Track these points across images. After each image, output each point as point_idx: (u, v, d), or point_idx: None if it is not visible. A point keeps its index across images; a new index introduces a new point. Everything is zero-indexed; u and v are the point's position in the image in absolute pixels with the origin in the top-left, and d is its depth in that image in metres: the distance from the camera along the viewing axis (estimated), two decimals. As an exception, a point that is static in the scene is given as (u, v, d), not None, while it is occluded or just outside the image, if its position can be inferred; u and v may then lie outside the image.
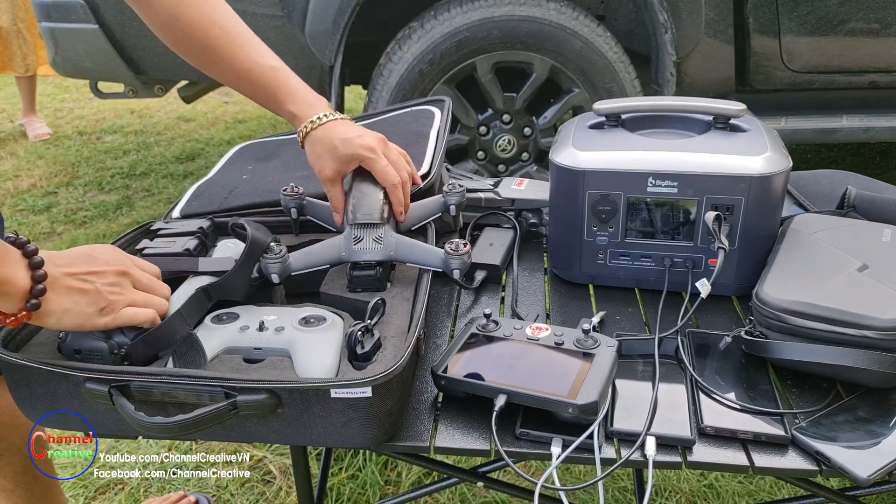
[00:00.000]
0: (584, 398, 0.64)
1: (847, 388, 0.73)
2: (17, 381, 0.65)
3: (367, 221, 0.79)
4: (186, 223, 0.90)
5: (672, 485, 1.34)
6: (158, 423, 0.58)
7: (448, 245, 0.77)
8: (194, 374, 0.62)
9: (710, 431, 0.66)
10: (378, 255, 0.78)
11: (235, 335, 0.68)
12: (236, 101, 4.06)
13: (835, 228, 0.87)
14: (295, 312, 0.70)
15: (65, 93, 4.33)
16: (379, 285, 0.78)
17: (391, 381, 0.60)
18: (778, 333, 0.74)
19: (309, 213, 0.90)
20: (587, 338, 0.72)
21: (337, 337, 0.67)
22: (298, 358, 0.65)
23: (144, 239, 0.86)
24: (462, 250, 0.77)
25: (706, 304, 0.82)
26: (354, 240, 0.79)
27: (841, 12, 1.85)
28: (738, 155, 0.83)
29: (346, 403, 0.60)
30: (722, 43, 1.92)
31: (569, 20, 1.87)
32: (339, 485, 1.35)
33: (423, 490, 0.86)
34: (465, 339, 0.74)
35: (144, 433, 0.61)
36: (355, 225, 0.80)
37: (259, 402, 0.59)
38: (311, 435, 0.62)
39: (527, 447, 0.65)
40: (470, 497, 1.32)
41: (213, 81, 2.44)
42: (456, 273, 0.78)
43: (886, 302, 0.71)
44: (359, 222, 0.80)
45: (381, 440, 0.64)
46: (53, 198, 2.81)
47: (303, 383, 0.60)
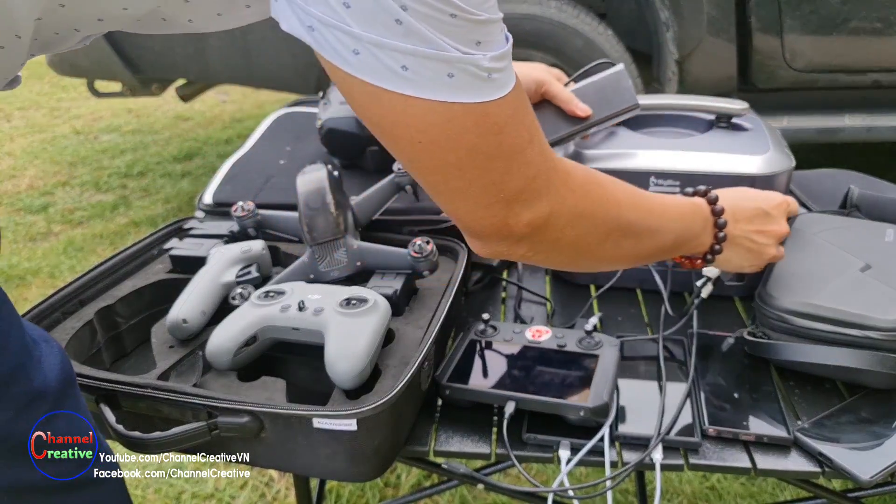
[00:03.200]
0: (595, 401, 0.63)
1: (850, 389, 0.72)
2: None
3: (325, 240, 0.78)
4: (217, 225, 0.90)
5: (674, 486, 1.34)
6: (135, 438, 0.57)
7: (411, 247, 0.76)
8: (179, 389, 0.60)
9: (712, 433, 0.65)
10: (346, 270, 0.77)
11: (275, 314, 0.67)
12: (234, 101, 4.05)
13: (837, 228, 0.86)
14: (340, 292, 0.69)
15: (62, 92, 4.32)
16: (395, 310, 0.74)
17: (380, 415, 0.56)
18: (780, 334, 0.73)
19: (267, 227, 0.88)
20: (589, 339, 0.72)
21: (373, 323, 0.65)
22: (329, 343, 0.63)
23: (174, 238, 0.86)
24: (427, 250, 0.75)
25: (708, 304, 0.81)
26: (318, 259, 0.78)
27: (844, 11, 1.84)
28: (741, 154, 0.82)
29: (329, 435, 0.57)
30: (724, 41, 1.91)
31: (570, 18, 1.86)
32: (339, 487, 1.34)
33: (423, 492, 0.86)
34: (465, 346, 0.74)
35: (123, 445, 0.59)
36: (315, 245, 0.78)
37: (240, 425, 0.57)
38: (296, 464, 0.60)
39: (531, 450, 0.65)
40: (470, 499, 1.31)
41: (211, 80, 2.44)
42: (425, 274, 0.76)
43: (889, 303, 0.70)
44: (318, 242, 0.78)
45: (369, 477, 0.61)
46: (50, 197, 2.80)
47: (285, 409, 0.57)
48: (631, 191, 0.60)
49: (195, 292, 0.74)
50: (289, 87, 2.17)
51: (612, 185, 0.58)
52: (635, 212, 0.59)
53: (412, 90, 0.42)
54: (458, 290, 0.78)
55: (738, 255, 0.72)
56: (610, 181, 0.58)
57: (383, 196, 0.87)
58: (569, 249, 0.56)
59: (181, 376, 0.66)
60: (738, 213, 0.69)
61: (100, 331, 0.74)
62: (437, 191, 0.49)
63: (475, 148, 0.45)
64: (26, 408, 0.46)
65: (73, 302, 0.75)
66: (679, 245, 0.66)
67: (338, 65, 0.42)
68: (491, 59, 0.43)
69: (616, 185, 0.59)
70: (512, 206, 0.49)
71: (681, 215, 0.65)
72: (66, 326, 0.72)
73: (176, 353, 0.69)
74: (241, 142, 1.27)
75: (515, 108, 0.46)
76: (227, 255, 0.79)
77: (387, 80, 0.41)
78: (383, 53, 0.40)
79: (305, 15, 0.41)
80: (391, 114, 0.43)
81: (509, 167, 0.47)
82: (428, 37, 0.40)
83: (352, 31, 0.40)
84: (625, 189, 0.60)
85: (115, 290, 0.79)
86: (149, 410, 0.60)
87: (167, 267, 0.84)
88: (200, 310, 0.72)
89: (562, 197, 0.51)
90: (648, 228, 0.60)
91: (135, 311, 0.78)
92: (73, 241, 2.43)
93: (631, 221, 0.59)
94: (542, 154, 0.50)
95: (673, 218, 0.64)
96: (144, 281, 0.81)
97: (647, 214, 0.60)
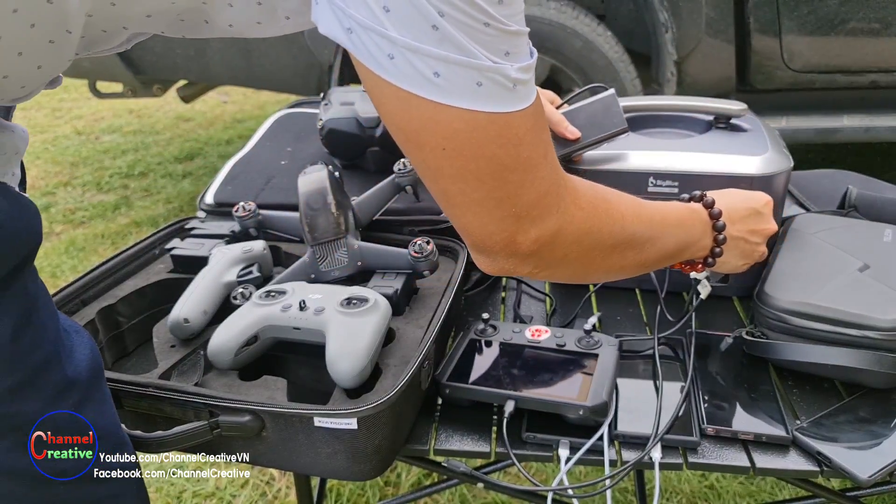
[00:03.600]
0: (594, 400, 0.64)
1: (848, 388, 0.72)
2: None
3: (325, 240, 0.78)
4: (219, 224, 0.90)
5: (673, 486, 1.34)
6: (137, 437, 0.57)
7: (412, 248, 0.76)
8: (180, 388, 0.61)
9: (711, 432, 0.66)
10: (346, 269, 0.78)
11: (277, 314, 0.67)
12: (235, 101, 4.06)
13: (836, 228, 0.86)
14: (340, 292, 0.69)
15: (63, 92, 4.32)
16: (395, 310, 0.74)
17: (380, 414, 0.57)
18: (779, 334, 0.73)
19: (268, 227, 0.88)
20: (588, 338, 0.72)
21: (373, 322, 0.65)
22: (330, 342, 0.64)
23: (175, 238, 0.87)
24: (427, 250, 0.76)
25: (707, 304, 0.81)
26: (319, 259, 0.78)
27: (842, 12, 1.85)
28: (739, 155, 0.83)
29: (330, 434, 0.57)
30: (723, 42, 1.92)
31: (569, 19, 1.87)
32: (339, 485, 1.35)
33: (423, 491, 0.86)
34: (465, 345, 0.74)
35: None
36: (316, 245, 0.79)
37: (241, 424, 0.58)
38: (297, 462, 0.60)
39: (531, 449, 0.65)
40: (470, 498, 1.32)
41: (212, 81, 2.44)
42: (426, 274, 0.77)
43: (888, 302, 0.71)
44: (318, 242, 0.79)
45: (370, 476, 0.61)
46: (52, 198, 2.80)
47: (286, 408, 0.58)
48: (633, 202, 0.61)
49: (196, 292, 0.74)
50: (289, 88, 2.18)
51: (617, 199, 0.59)
52: (639, 223, 0.60)
53: (442, 97, 0.43)
54: (458, 289, 0.78)
55: (735, 256, 0.73)
56: (615, 195, 0.59)
57: (384, 196, 0.87)
58: (575, 265, 0.56)
59: (183, 376, 0.66)
60: (733, 214, 0.70)
61: (101, 330, 0.75)
62: (453, 202, 0.50)
63: (495, 158, 0.46)
64: (58, 396, 0.47)
65: (74, 301, 0.75)
66: (682, 250, 0.67)
67: (372, 68, 0.43)
68: (518, 70, 0.44)
69: (620, 199, 0.59)
70: (522, 222, 0.49)
71: (680, 221, 0.66)
72: None
73: (177, 352, 0.70)
74: (242, 142, 1.27)
75: (535, 121, 0.47)
76: (229, 255, 0.79)
77: (418, 86, 0.42)
78: (417, 58, 0.41)
79: (346, 17, 0.42)
80: (419, 120, 0.44)
81: (524, 181, 0.48)
82: (462, 44, 0.41)
83: (389, 34, 0.41)
84: (628, 201, 0.60)
85: (117, 289, 0.79)
86: (150, 410, 0.60)
87: (168, 267, 0.84)
88: (202, 309, 0.73)
89: (570, 215, 0.52)
90: (651, 238, 0.61)
91: (136, 311, 0.79)
92: (74, 241, 2.43)
93: (635, 233, 0.59)
94: (554, 171, 0.50)
95: (673, 224, 0.65)
96: (146, 281, 0.81)
97: (649, 224, 0.61)
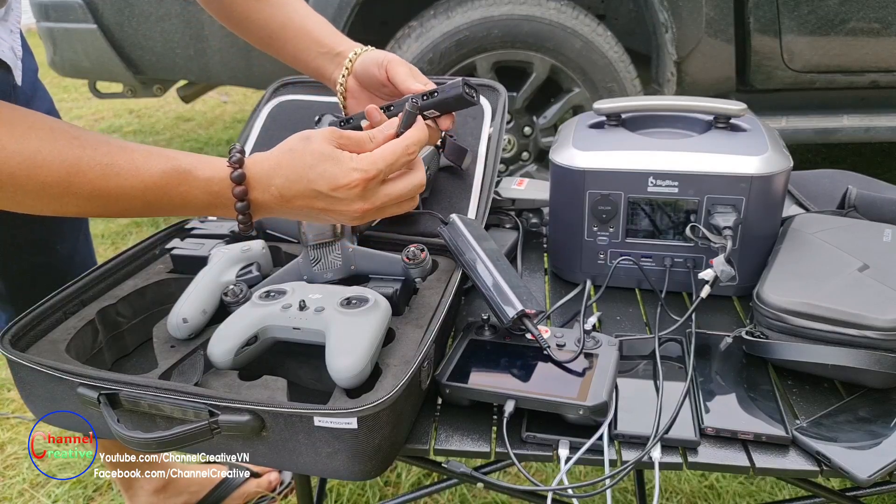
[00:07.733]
0: (594, 399, 0.64)
1: (848, 388, 0.72)
2: (21, 378, 0.66)
3: (320, 242, 0.78)
4: (218, 225, 0.90)
5: (673, 485, 1.34)
6: (137, 437, 0.58)
7: (405, 254, 0.76)
8: (181, 388, 0.61)
9: (710, 432, 0.66)
10: (339, 272, 0.78)
11: (276, 313, 0.67)
12: (235, 101, 4.06)
13: (835, 228, 0.86)
14: (340, 292, 0.69)
15: (63, 92, 4.33)
16: (395, 310, 0.74)
17: (380, 414, 0.57)
18: (778, 334, 0.73)
19: (267, 227, 0.88)
20: (588, 338, 0.72)
21: (373, 322, 0.65)
22: (330, 342, 0.63)
23: (175, 238, 0.87)
24: (420, 258, 0.76)
25: (706, 304, 0.81)
26: (313, 261, 0.78)
27: (842, 12, 1.85)
28: (739, 155, 0.83)
29: (331, 434, 0.57)
30: (722, 42, 1.92)
31: (569, 19, 1.87)
32: (339, 485, 1.35)
33: (423, 491, 0.86)
34: (465, 345, 0.74)
35: (125, 444, 0.60)
36: (311, 246, 0.79)
37: (241, 424, 0.58)
38: (297, 462, 0.60)
39: (531, 449, 0.65)
40: (470, 498, 1.32)
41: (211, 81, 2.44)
42: (417, 281, 0.77)
43: (887, 302, 0.71)
44: (313, 244, 0.78)
45: (371, 475, 0.61)
46: (52, 197, 2.80)
47: (286, 408, 0.57)
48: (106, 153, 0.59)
49: (196, 292, 0.74)
50: (289, 88, 2.18)
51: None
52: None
53: None
54: (458, 289, 0.78)
55: (306, 218, 0.68)
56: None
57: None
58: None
59: (182, 375, 0.66)
60: (286, 191, 0.63)
61: (101, 330, 0.75)
62: None
63: None
64: None
65: (74, 302, 0.75)
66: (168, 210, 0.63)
67: None
68: None
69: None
70: None
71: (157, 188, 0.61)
72: (68, 326, 0.72)
73: (177, 352, 0.70)
74: (279, 98, 1.24)
75: None
76: (228, 254, 0.79)
77: None
78: None
79: None
80: None
81: None
82: None
83: None
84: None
85: (117, 289, 0.79)
86: (150, 410, 0.60)
87: (168, 267, 0.84)
88: (201, 309, 0.73)
89: None
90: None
91: (136, 311, 0.79)
92: (73, 242, 2.43)
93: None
94: None
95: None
96: (146, 281, 0.81)
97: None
